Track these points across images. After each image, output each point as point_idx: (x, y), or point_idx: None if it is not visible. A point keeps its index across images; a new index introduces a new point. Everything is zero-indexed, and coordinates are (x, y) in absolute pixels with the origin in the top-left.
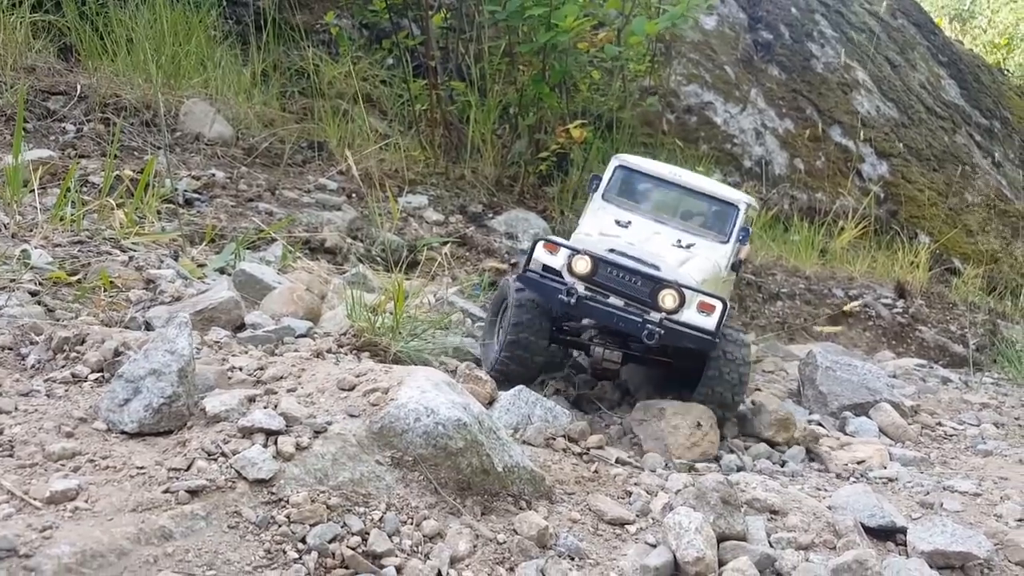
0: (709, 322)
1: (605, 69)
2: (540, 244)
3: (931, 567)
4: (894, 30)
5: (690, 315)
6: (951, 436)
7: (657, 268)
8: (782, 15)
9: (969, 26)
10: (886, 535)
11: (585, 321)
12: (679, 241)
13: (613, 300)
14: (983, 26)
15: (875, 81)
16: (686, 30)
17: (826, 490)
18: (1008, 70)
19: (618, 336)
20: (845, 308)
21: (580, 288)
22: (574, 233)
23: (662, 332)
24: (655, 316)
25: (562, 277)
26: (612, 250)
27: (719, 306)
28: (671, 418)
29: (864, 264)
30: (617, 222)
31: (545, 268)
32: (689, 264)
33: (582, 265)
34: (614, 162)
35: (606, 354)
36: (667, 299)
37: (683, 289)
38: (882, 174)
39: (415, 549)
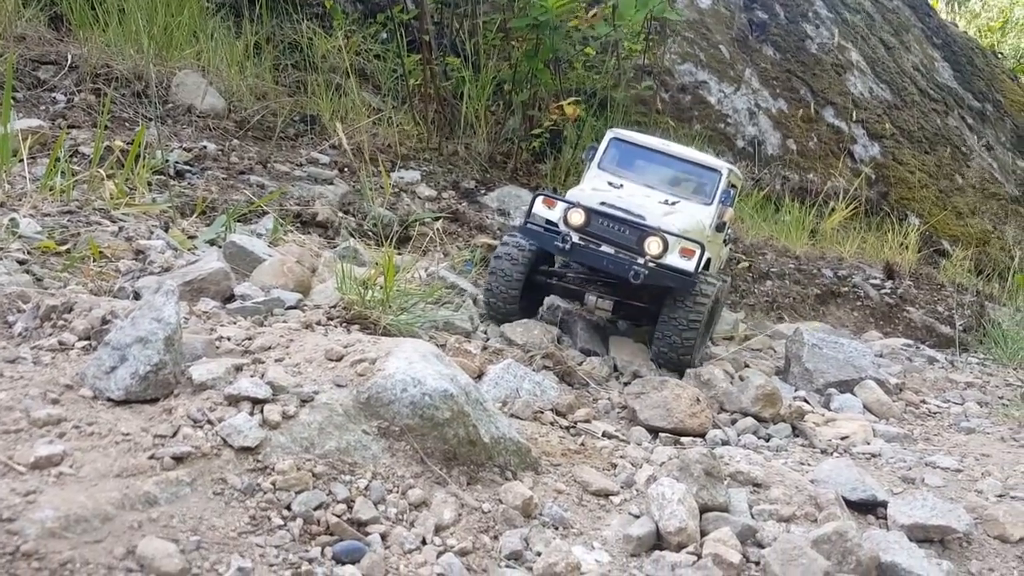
0: (689, 264)
1: (600, 47)
2: (539, 199)
3: (911, 540)
4: (889, 11)
5: (673, 259)
6: (935, 414)
7: (643, 218)
8: None
9: (963, 8)
10: (867, 508)
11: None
12: (666, 200)
13: (605, 248)
14: (977, 9)
15: (869, 62)
16: (671, 14)
17: (809, 464)
18: (1002, 53)
19: (609, 286)
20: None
21: (575, 237)
22: (570, 191)
23: (646, 272)
24: (641, 260)
25: (559, 228)
26: (603, 203)
27: (698, 250)
28: (674, 388)
29: (854, 245)
30: (610, 183)
31: (547, 222)
32: (672, 216)
33: (576, 217)
34: (609, 135)
35: (599, 302)
36: (652, 245)
37: (666, 236)
38: (874, 155)
39: (400, 517)
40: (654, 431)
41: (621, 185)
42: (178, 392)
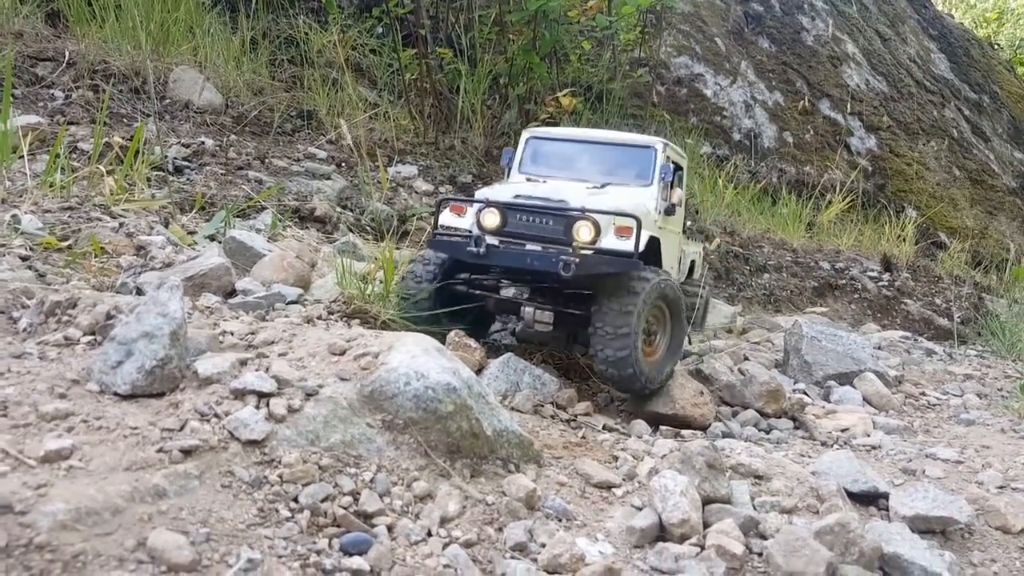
0: (627, 245)
1: (595, 40)
2: (446, 209)
3: (912, 531)
4: (885, 3)
5: (608, 242)
6: (934, 406)
7: (566, 203)
8: None
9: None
10: (868, 500)
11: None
12: (595, 186)
13: (531, 247)
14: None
15: (865, 54)
16: (676, 2)
17: (810, 457)
18: (998, 44)
19: (548, 294)
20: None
21: (494, 241)
22: (479, 191)
23: (577, 262)
24: (569, 249)
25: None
26: (517, 195)
27: (635, 225)
28: (679, 378)
29: (851, 237)
30: (528, 178)
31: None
32: (600, 196)
33: (491, 219)
34: (525, 134)
35: (537, 314)
36: (582, 231)
37: (595, 216)
38: (870, 147)
39: (405, 509)
40: (656, 421)
41: (545, 180)
42: (184, 386)
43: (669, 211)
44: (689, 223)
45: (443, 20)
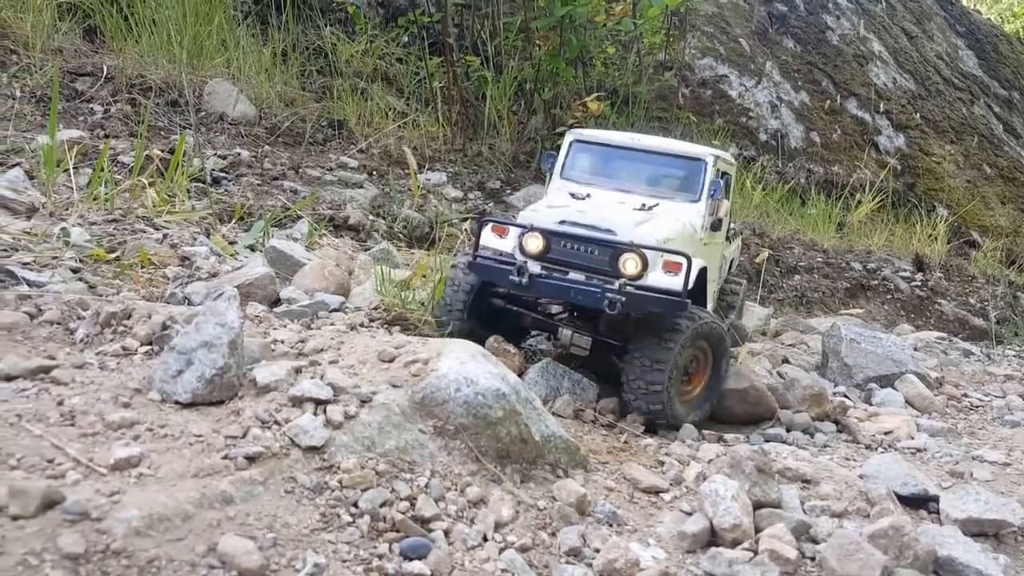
0: (676, 282)
1: (620, 43)
2: (487, 228)
3: (965, 534)
4: (911, 0)
5: (656, 278)
6: (977, 407)
7: (612, 232)
8: None
9: None
10: (918, 503)
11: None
12: (643, 205)
13: (573, 275)
14: None
15: (891, 52)
16: (701, 3)
17: (855, 460)
18: None
19: (587, 318)
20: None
21: (536, 267)
22: (521, 213)
23: (623, 300)
24: (616, 284)
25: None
26: (563, 221)
27: (685, 263)
28: (749, 359)
29: (882, 237)
30: (573, 195)
31: (500, 255)
32: (649, 224)
33: (533, 243)
34: (568, 137)
35: (574, 338)
36: (628, 264)
37: (644, 250)
38: (899, 146)
39: (460, 514)
40: (724, 403)
41: (587, 195)
42: (242, 394)
43: (715, 226)
44: (733, 225)
45: (469, 28)
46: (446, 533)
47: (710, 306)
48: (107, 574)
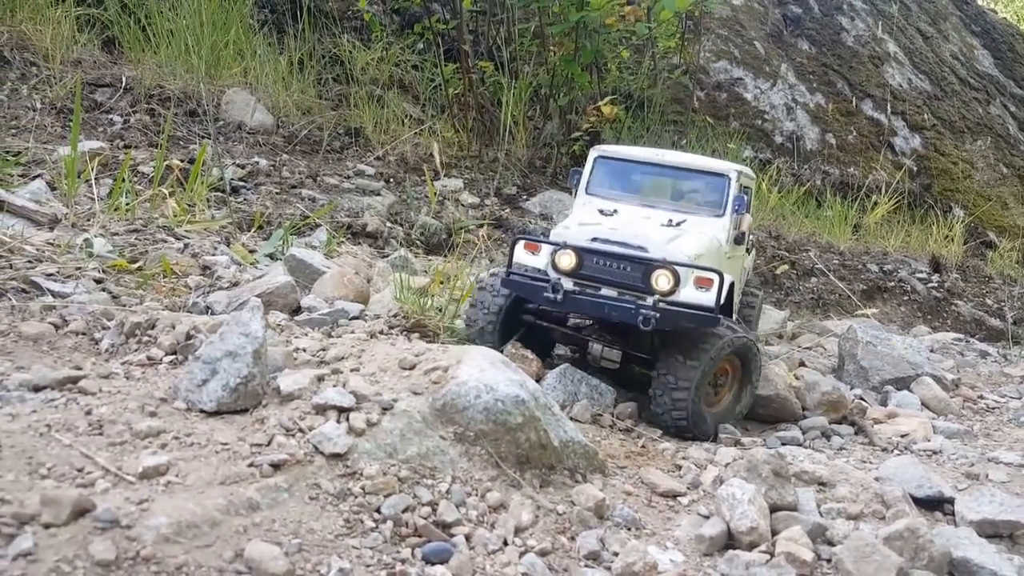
0: (708, 298)
1: (634, 47)
2: (520, 245)
3: (980, 535)
4: (925, 0)
5: (688, 293)
6: (993, 409)
7: (644, 249)
8: None
9: None
10: (934, 505)
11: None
12: (669, 221)
13: (606, 291)
14: None
15: (907, 53)
16: (715, 5)
17: (871, 463)
18: None
19: (616, 332)
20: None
21: (568, 284)
22: (553, 230)
23: (658, 316)
24: (649, 300)
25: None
26: (595, 239)
27: (716, 279)
28: (772, 363)
29: (898, 239)
30: (601, 212)
31: (533, 271)
32: (679, 241)
33: (566, 260)
34: (593, 153)
35: (604, 352)
36: (661, 280)
37: (676, 267)
38: (915, 147)
39: (481, 519)
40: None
41: (615, 211)
42: (266, 402)
43: (739, 240)
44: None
45: (484, 34)
46: (467, 538)
47: (734, 318)
48: None
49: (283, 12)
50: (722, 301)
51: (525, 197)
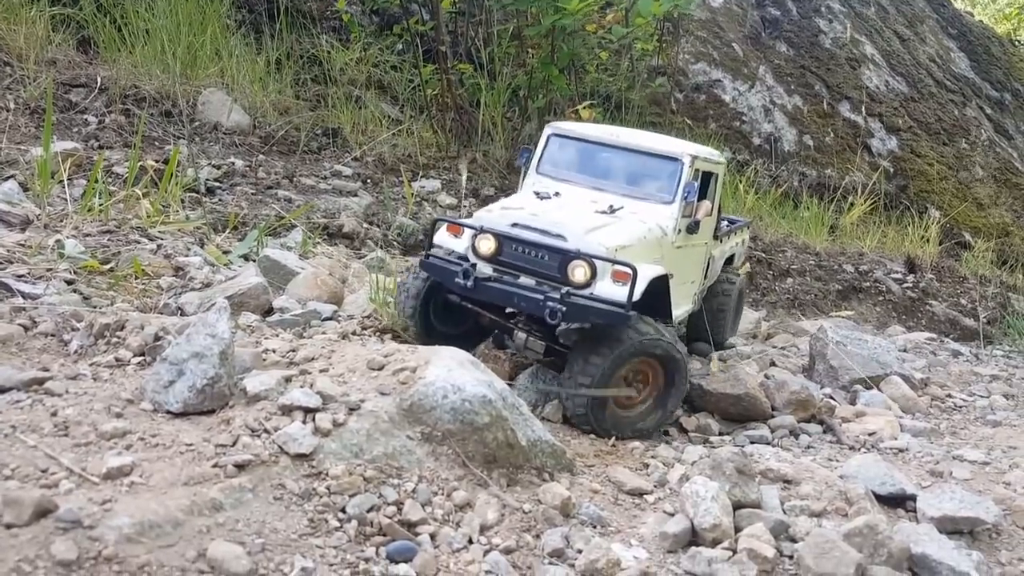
0: (621, 293)
1: (613, 50)
2: (443, 228)
3: (940, 532)
4: (903, 3)
5: (604, 287)
6: (961, 407)
7: (563, 238)
8: None
9: None
10: (896, 502)
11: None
12: (610, 207)
13: (524, 280)
14: None
15: (884, 55)
16: (693, 9)
17: (838, 461)
18: (1019, 41)
19: (543, 322)
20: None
21: (488, 269)
22: (477, 213)
23: (564, 310)
24: (558, 293)
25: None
26: (515, 224)
27: (631, 274)
28: (744, 368)
29: (874, 239)
30: (538, 194)
31: (455, 255)
32: (603, 231)
33: (485, 245)
34: (547, 130)
35: (529, 341)
36: (577, 272)
37: (593, 259)
38: (891, 149)
39: (447, 518)
40: (720, 403)
41: (556, 194)
42: (233, 403)
43: (692, 228)
44: (732, 219)
45: (462, 35)
46: (432, 536)
47: (683, 310)
48: None
49: (261, 12)
50: (636, 298)
51: (504, 198)
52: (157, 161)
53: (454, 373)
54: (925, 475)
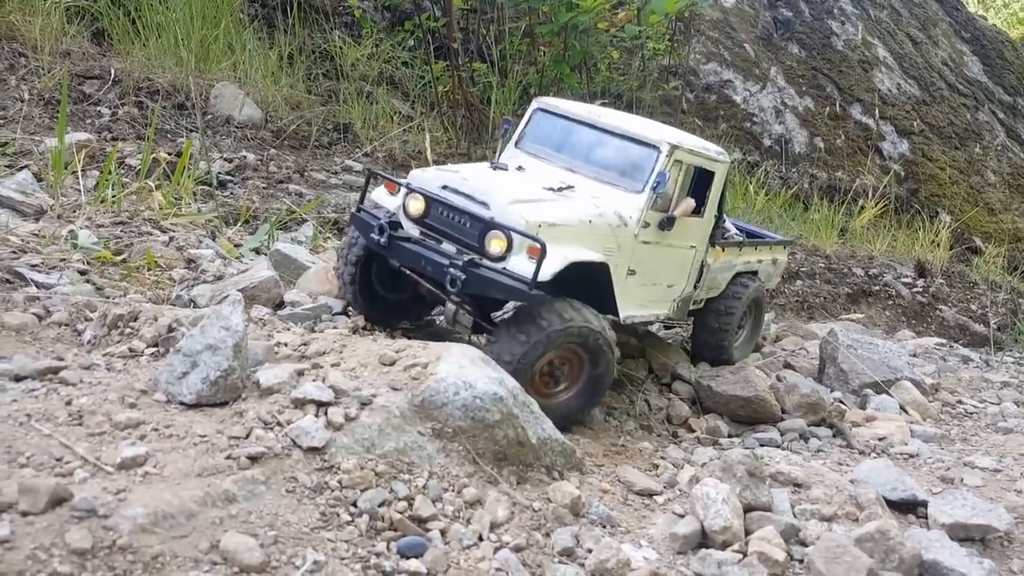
0: (528, 269)
1: (624, 48)
2: (382, 184)
3: (951, 539)
4: (916, 6)
5: (517, 262)
6: (971, 414)
7: (487, 206)
8: None
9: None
10: (907, 508)
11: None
12: (560, 184)
13: (446, 246)
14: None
15: (896, 58)
16: (705, 8)
17: (848, 465)
18: None
19: (478, 298)
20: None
21: (415, 231)
22: (412, 172)
23: (463, 277)
24: (462, 260)
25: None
26: (445, 186)
27: (540, 249)
28: (753, 370)
29: (884, 243)
30: (494, 166)
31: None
32: (533, 204)
33: (413, 206)
34: (533, 105)
35: (459, 314)
36: (493, 243)
37: (510, 232)
38: (903, 152)
39: (457, 514)
40: (729, 405)
41: (520, 167)
42: (246, 396)
43: (665, 225)
44: (732, 224)
45: (474, 32)
46: (443, 533)
47: (646, 312)
48: (113, 569)
49: (274, 7)
50: (545, 278)
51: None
52: (170, 154)
53: (466, 370)
54: (936, 481)
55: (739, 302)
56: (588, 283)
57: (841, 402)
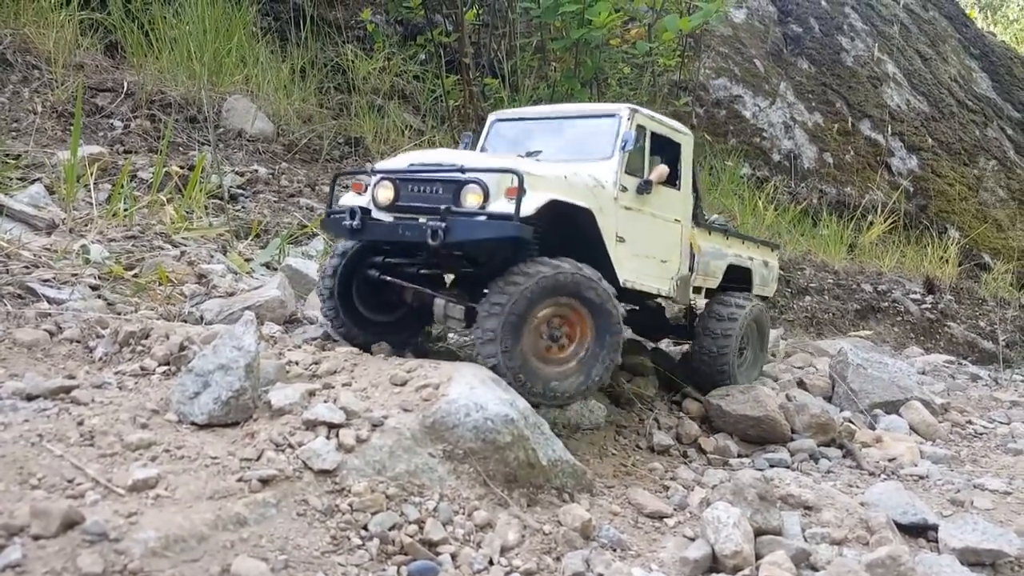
0: (510, 208)
1: (635, 64)
2: (349, 186)
3: (962, 564)
4: (925, 23)
5: (497, 205)
6: (981, 434)
7: (460, 169)
8: (812, 8)
9: (999, 15)
10: (917, 532)
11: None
12: (528, 151)
13: (422, 220)
14: (1013, 15)
15: (905, 74)
16: (716, 25)
17: (858, 487)
18: None
19: (464, 286)
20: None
21: (388, 218)
22: (376, 164)
23: (444, 225)
24: (441, 209)
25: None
26: (411, 164)
27: (517, 181)
28: (762, 390)
29: (893, 259)
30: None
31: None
32: (507, 159)
33: (383, 193)
34: (490, 118)
35: (448, 308)
36: (469, 196)
37: (482, 178)
38: (912, 168)
39: (468, 538)
40: (738, 425)
41: (485, 149)
42: (257, 416)
43: (643, 189)
44: (722, 220)
45: (486, 47)
46: (453, 556)
47: (646, 282)
48: None
49: (286, 20)
50: (530, 213)
51: None
52: (182, 167)
53: (477, 391)
54: (946, 504)
55: (735, 324)
56: (579, 246)
57: (851, 422)
